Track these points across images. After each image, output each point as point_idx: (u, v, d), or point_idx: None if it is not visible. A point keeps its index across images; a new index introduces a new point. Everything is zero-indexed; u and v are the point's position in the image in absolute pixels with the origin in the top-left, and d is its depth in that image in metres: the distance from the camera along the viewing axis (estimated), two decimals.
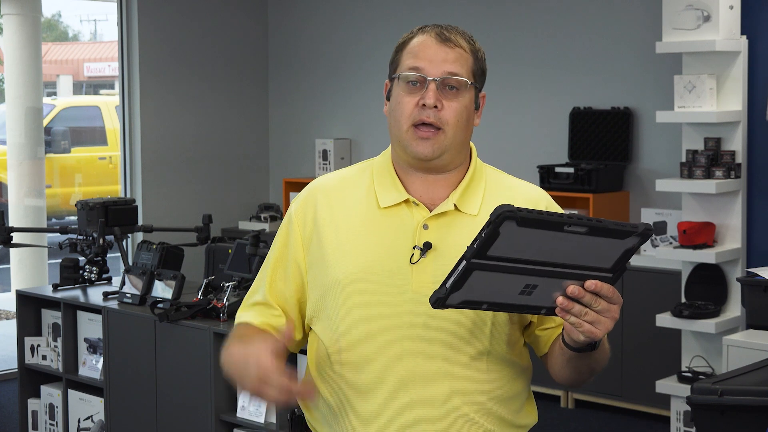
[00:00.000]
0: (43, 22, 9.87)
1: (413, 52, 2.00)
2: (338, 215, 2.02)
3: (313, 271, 2.02)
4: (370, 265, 1.96)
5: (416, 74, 1.98)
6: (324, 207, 2.03)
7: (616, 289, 1.81)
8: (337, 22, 7.22)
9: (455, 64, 1.99)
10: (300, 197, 2.10)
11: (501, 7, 6.42)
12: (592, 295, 1.78)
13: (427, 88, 1.97)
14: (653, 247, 5.52)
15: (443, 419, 1.94)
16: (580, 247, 1.75)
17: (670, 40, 5.04)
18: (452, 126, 1.99)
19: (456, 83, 1.98)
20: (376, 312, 1.95)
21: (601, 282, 1.78)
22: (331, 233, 2.01)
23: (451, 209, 2.01)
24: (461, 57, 2.00)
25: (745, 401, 3.25)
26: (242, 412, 3.90)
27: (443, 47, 1.99)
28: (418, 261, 1.96)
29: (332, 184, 2.08)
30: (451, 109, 1.98)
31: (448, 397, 1.94)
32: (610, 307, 1.80)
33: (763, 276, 3.65)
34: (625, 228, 1.76)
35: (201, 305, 4.09)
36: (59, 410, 4.72)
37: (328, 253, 1.99)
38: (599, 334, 1.81)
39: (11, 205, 7.65)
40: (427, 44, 2.00)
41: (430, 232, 1.98)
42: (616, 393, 5.57)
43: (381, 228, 2.00)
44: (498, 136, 6.41)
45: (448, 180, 2.04)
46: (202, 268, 4.74)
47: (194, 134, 7.22)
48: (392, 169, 2.05)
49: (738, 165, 5.02)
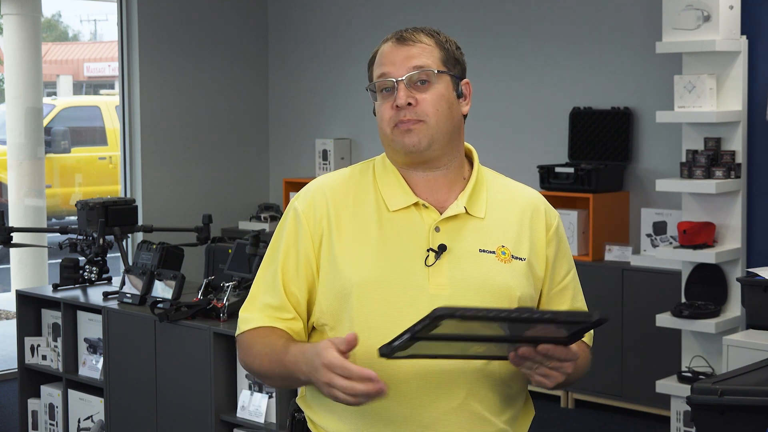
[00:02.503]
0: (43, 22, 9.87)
1: (379, 61, 2.03)
2: (347, 217, 2.01)
3: (324, 272, 2.00)
4: (384, 268, 1.96)
5: (384, 80, 2.00)
6: (333, 207, 2.02)
7: (570, 349, 1.85)
8: (337, 21, 7.22)
9: (418, 59, 2.00)
10: (306, 195, 2.07)
11: (501, 7, 6.42)
12: (543, 356, 1.83)
13: (397, 89, 1.98)
14: (653, 247, 5.52)
15: (460, 419, 1.95)
16: (530, 327, 1.78)
17: (670, 40, 5.04)
18: (432, 115, 1.99)
19: (425, 76, 2.00)
20: (395, 315, 1.94)
21: (553, 346, 1.82)
22: (342, 235, 2.00)
23: (462, 212, 2.02)
24: (424, 51, 2.01)
25: (745, 401, 3.25)
26: (242, 412, 3.90)
27: (403, 48, 2.01)
28: (433, 264, 1.97)
29: (337, 185, 2.06)
30: (426, 102, 1.99)
31: (465, 398, 1.95)
32: (562, 365, 1.85)
33: (763, 276, 3.65)
34: (576, 319, 1.79)
35: (201, 305, 4.09)
36: (59, 410, 4.72)
37: (339, 256, 1.98)
38: (549, 386, 1.88)
39: (11, 205, 7.65)
40: (388, 50, 2.03)
41: (442, 235, 1.99)
42: (616, 393, 5.57)
43: (393, 231, 2.00)
44: (498, 136, 6.41)
45: (448, 177, 2.04)
46: (202, 268, 4.74)
47: (194, 134, 7.22)
48: (396, 170, 2.05)
49: (738, 165, 5.02)
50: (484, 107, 6.31)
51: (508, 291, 1.98)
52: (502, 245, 2.01)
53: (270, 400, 3.82)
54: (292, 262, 2.03)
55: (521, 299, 2.00)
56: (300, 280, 2.02)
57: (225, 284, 4.15)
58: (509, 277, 2.00)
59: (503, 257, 2.00)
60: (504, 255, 2.01)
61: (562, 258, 2.11)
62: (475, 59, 2.31)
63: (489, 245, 2.01)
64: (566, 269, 2.12)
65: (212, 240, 4.99)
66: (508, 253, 2.01)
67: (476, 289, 1.97)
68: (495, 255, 2.00)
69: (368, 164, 2.10)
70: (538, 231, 2.07)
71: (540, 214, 2.08)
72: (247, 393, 3.90)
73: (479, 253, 2.00)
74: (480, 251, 2.00)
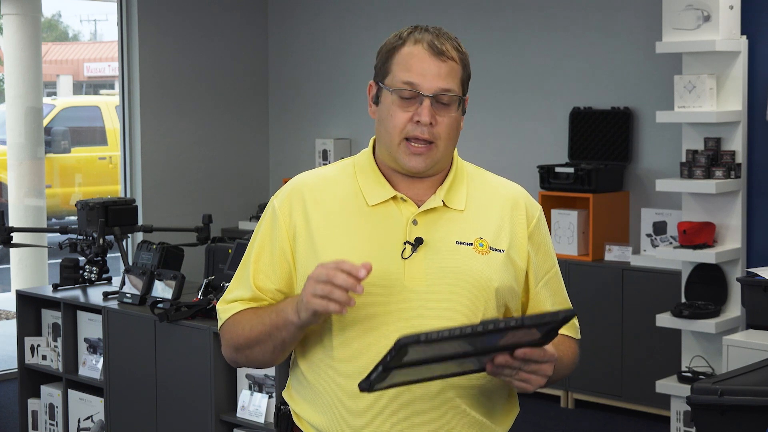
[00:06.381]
0: (43, 22, 9.87)
1: (406, 64, 2.00)
2: (326, 212, 2.03)
3: (302, 266, 2.02)
4: (361, 261, 1.95)
5: (410, 90, 1.99)
6: (311, 203, 2.04)
7: (547, 349, 1.87)
8: (337, 21, 7.22)
9: (447, 79, 1.99)
10: (283, 193, 2.09)
11: (500, 7, 6.42)
12: (521, 361, 1.85)
13: (422, 105, 1.98)
14: (653, 247, 5.52)
15: (436, 410, 1.97)
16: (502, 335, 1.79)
17: (670, 40, 5.04)
18: (444, 140, 2.01)
19: (448, 99, 2.00)
20: (371, 308, 1.96)
21: (530, 349, 1.84)
22: (320, 230, 2.02)
23: (440, 205, 2.03)
24: (453, 70, 2.01)
25: (745, 401, 3.25)
26: (242, 412, 3.90)
27: (436, 61, 1.99)
28: (410, 256, 1.98)
29: (316, 181, 2.08)
30: (443, 125, 2.00)
31: (442, 389, 1.96)
32: (541, 367, 1.87)
33: (763, 276, 3.65)
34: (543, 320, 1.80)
35: (201, 305, 4.09)
36: (59, 410, 4.72)
37: (318, 250, 2.00)
38: (530, 390, 1.90)
39: (11, 205, 7.65)
40: (420, 57, 2.00)
41: (420, 228, 2.01)
42: (616, 393, 5.57)
43: (370, 225, 2.01)
44: (498, 136, 6.41)
45: (432, 179, 2.06)
46: (202, 268, 4.74)
47: (194, 134, 7.22)
48: (376, 168, 2.06)
49: (738, 165, 5.02)
50: (484, 107, 6.32)
51: (485, 282, 2.00)
52: (480, 237, 2.02)
53: (270, 400, 3.82)
54: (267, 257, 2.06)
55: (499, 290, 2.01)
56: (275, 274, 2.05)
57: (225, 284, 4.15)
58: (486, 269, 2.00)
59: (481, 249, 2.01)
60: (482, 247, 2.02)
61: (546, 251, 2.12)
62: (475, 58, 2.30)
63: (466, 237, 2.02)
64: (550, 263, 2.13)
65: (212, 240, 4.99)
66: (486, 244, 2.02)
67: (453, 281, 1.98)
68: (472, 247, 2.01)
69: (348, 162, 2.12)
70: (519, 224, 2.07)
71: (521, 207, 2.09)
72: (247, 393, 3.90)
73: (456, 245, 2.01)
74: (457, 243, 2.01)
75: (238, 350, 2.07)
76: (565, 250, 5.74)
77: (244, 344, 2.05)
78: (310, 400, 2.04)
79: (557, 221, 5.80)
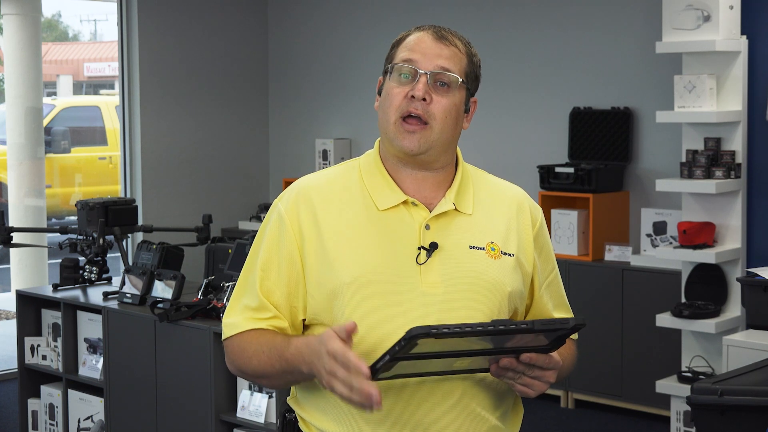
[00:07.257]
0: (43, 22, 9.87)
1: (408, 46, 2.01)
2: (335, 217, 1.99)
3: (313, 272, 1.98)
4: (376, 267, 1.95)
5: (409, 66, 1.99)
6: (320, 207, 2.00)
7: (552, 356, 1.86)
8: (336, 22, 7.22)
9: (448, 61, 2.00)
10: (289, 196, 2.04)
11: (500, 7, 6.42)
12: (525, 365, 1.84)
13: (418, 80, 1.97)
14: (653, 247, 5.52)
15: (455, 417, 1.95)
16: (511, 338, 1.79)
17: (670, 40, 5.05)
18: (439, 121, 1.98)
19: (447, 79, 1.99)
20: (387, 314, 1.94)
21: (536, 354, 1.83)
22: (331, 236, 1.98)
23: (451, 209, 2.01)
24: (455, 55, 2.01)
25: (745, 401, 3.25)
26: (242, 412, 3.90)
27: (438, 43, 2.00)
28: (425, 261, 1.96)
29: (321, 184, 2.05)
30: (439, 104, 1.98)
31: (461, 396, 1.95)
32: (545, 374, 1.87)
33: (763, 276, 3.65)
34: (553, 326, 1.79)
35: (201, 305, 4.09)
36: (59, 410, 4.72)
37: (330, 255, 1.96)
38: (532, 395, 1.89)
39: (11, 205, 7.65)
40: (422, 39, 2.01)
41: (433, 233, 1.99)
42: (616, 393, 5.57)
43: (383, 230, 1.98)
44: (498, 136, 6.41)
45: (437, 178, 2.04)
46: (202, 268, 4.74)
47: (194, 134, 7.22)
48: (382, 168, 2.04)
49: (738, 165, 5.02)
50: (484, 107, 6.31)
51: (499, 287, 1.99)
52: (491, 241, 2.01)
53: (270, 400, 3.82)
54: (274, 264, 2.01)
55: (511, 294, 2.00)
56: (282, 281, 2.00)
57: (225, 284, 4.15)
58: (500, 273, 2.00)
59: (493, 253, 2.00)
60: (494, 251, 2.01)
61: (547, 254, 2.12)
62: None
63: (478, 242, 2.01)
64: (551, 266, 2.13)
65: (212, 240, 4.99)
66: (497, 249, 2.01)
67: (468, 286, 1.97)
68: (485, 251, 2.00)
69: (353, 164, 2.08)
70: (525, 227, 2.07)
71: (525, 210, 2.09)
72: (247, 393, 3.90)
73: (469, 249, 1.99)
74: (470, 248, 2.00)
75: (244, 374, 2.05)
76: (565, 250, 5.75)
77: (251, 373, 2.02)
78: (321, 407, 1.99)
79: (557, 221, 5.80)
